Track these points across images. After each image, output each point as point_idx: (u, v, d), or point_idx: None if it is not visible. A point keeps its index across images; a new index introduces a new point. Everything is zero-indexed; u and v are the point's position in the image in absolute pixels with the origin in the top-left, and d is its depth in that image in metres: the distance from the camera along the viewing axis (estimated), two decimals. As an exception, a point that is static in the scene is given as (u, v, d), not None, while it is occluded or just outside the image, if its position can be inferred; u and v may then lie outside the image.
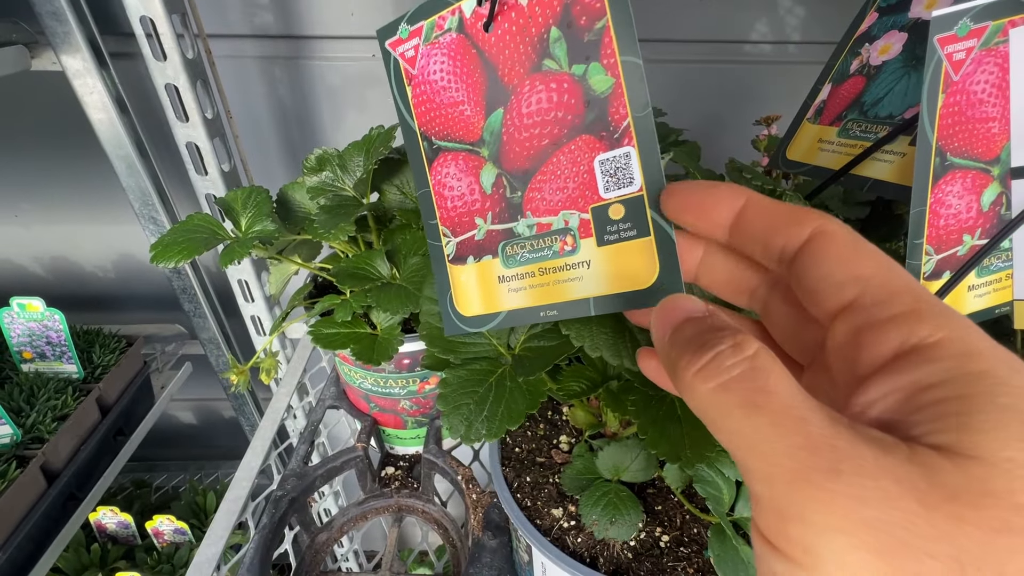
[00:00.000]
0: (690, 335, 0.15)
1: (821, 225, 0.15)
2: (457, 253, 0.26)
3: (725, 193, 0.17)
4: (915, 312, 0.13)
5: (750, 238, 0.17)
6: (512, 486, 0.32)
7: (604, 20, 0.20)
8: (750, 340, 0.14)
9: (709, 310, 0.16)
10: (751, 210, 0.17)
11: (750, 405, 0.12)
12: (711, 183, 0.18)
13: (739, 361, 0.13)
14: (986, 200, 0.25)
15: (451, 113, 0.26)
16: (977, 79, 0.23)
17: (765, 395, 0.12)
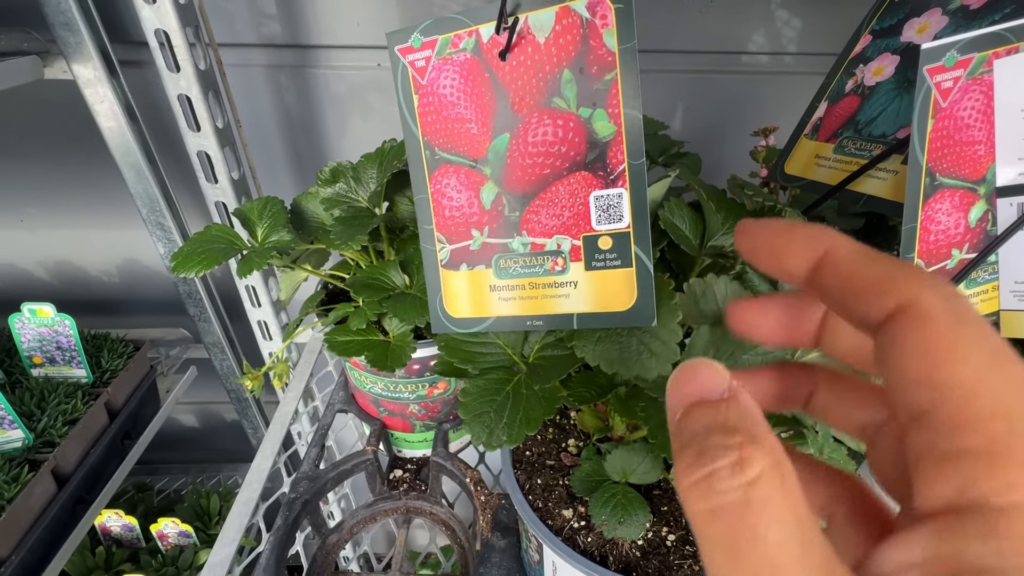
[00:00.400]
0: (697, 430, 0.13)
1: (914, 297, 0.11)
2: (451, 259, 0.28)
3: (801, 238, 0.14)
4: (991, 452, 0.10)
5: (829, 297, 0.14)
6: (524, 488, 0.33)
7: (614, 73, 0.22)
8: (756, 456, 0.11)
9: (730, 391, 0.13)
10: (830, 263, 0.13)
11: (730, 545, 0.11)
12: (789, 223, 0.15)
13: (735, 486, 0.11)
14: (973, 217, 0.27)
15: (457, 129, 0.27)
16: (964, 106, 0.25)
17: (750, 539, 0.10)
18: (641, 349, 0.24)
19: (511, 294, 0.26)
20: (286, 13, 0.69)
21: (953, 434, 0.10)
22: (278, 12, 0.69)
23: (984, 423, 0.10)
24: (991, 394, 0.10)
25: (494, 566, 0.41)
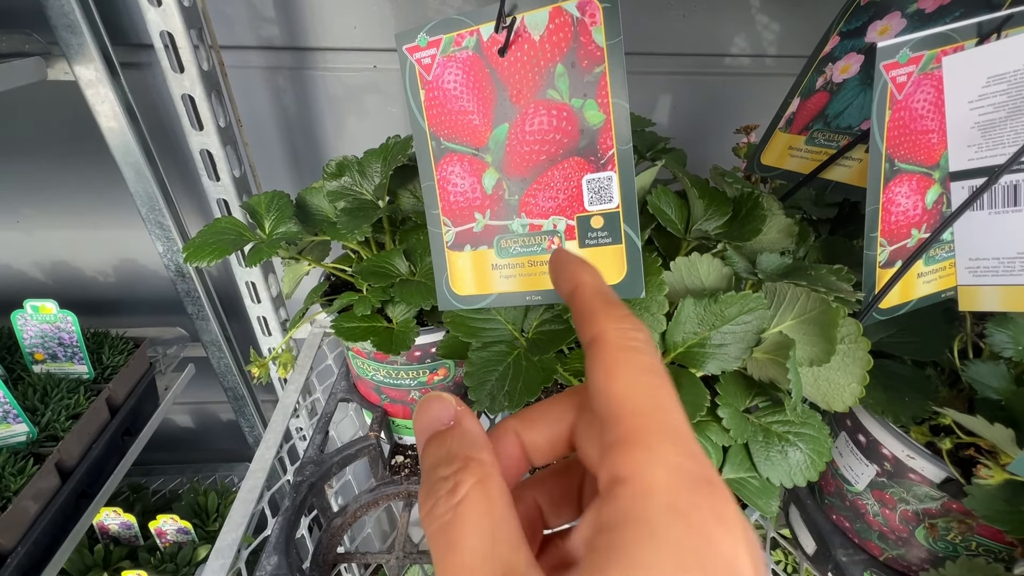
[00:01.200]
0: (428, 464, 0.15)
1: (601, 330, 0.16)
2: (456, 241, 0.30)
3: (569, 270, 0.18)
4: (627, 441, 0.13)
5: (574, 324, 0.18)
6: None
7: (602, 67, 0.24)
8: (466, 478, 0.14)
9: (456, 417, 0.16)
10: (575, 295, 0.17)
11: (440, 558, 0.13)
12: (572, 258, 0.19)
13: (447, 509, 0.14)
14: (929, 199, 0.30)
15: (461, 120, 0.29)
16: (917, 98, 0.27)
17: (452, 550, 0.13)
18: (632, 319, 0.27)
19: (512, 272, 0.28)
20: (284, 16, 0.71)
21: (609, 429, 0.14)
22: (276, 15, 0.71)
23: (625, 420, 0.13)
24: (631, 398, 0.14)
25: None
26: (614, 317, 0.16)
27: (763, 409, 0.32)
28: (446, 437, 0.16)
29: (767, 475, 0.31)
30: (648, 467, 0.13)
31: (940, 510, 0.36)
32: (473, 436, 0.16)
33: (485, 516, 0.13)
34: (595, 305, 0.17)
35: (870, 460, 0.39)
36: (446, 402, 0.17)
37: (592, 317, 0.16)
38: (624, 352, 0.15)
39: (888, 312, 0.32)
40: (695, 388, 0.26)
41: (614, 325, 0.16)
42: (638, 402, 0.14)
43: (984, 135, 0.27)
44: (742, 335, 0.27)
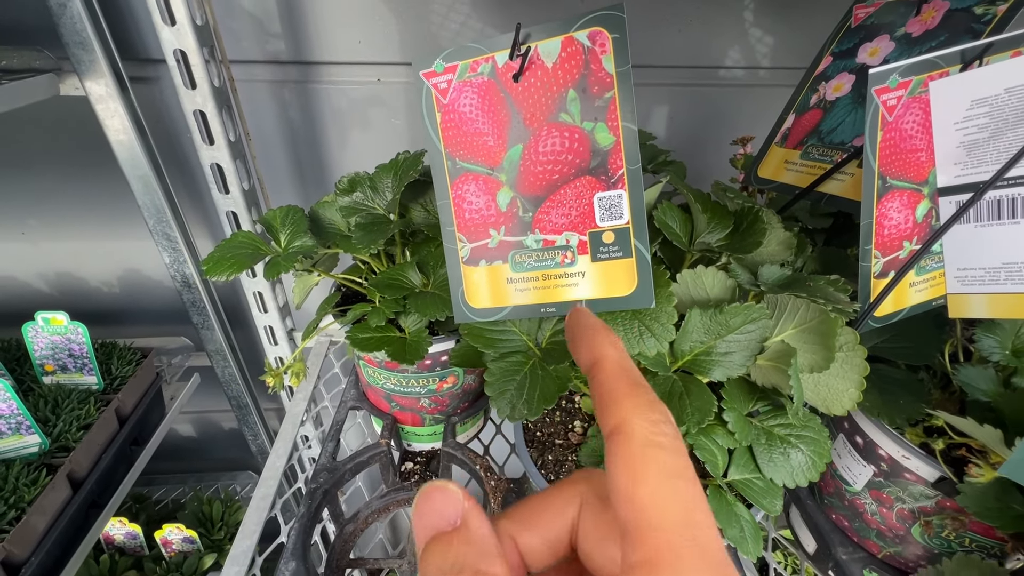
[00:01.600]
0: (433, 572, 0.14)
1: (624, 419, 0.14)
2: (471, 256, 0.31)
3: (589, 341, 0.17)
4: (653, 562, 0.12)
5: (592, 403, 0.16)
6: (537, 463, 0.36)
7: (612, 92, 0.26)
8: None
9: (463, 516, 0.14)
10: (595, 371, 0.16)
11: None
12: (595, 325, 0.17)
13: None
14: (920, 213, 0.32)
15: (476, 141, 0.31)
16: (907, 120, 0.29)
17: None
18: (643, 330, 0.28)
19: (526, 285, 0.29)
20: (290, 31, 0.73)
21: (633, 547, 0.12)
22: (282, 30, 0.73)
23: (648, 535, 0.12)
24: (659, 509, 0.13)
25: (507, 543, 0.44)
26: (641, 405, 0.14)
27: (765, 413, 0.34)
28: (452, 541, 0.14)
29: (770, 476, 0.32)
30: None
31: (935, 508, 0.38)
32: (483, 542, 0.14)
33: None
34: (619, 387, 0.15)
35: (867, 461, 0.41)
36: (452, 496, 0.15)
37: (616, 402, 0.14)
38: (651, 450, 0.13)
39: (883, 320, 0.34)
40: (703, 394, 0.28)
41: (641, 416, 0.14)
42: (667, 515, 0.12)
43: (969, 154, 0.29)
44: (746, 344, 0.29)
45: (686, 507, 0.13)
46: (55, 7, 0.58)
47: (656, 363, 0.29)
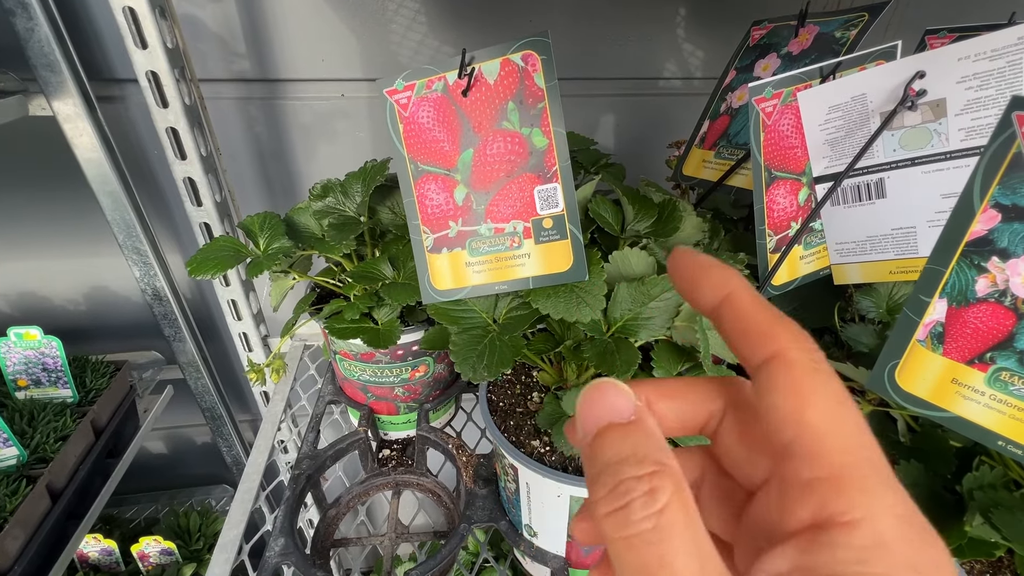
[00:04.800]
0: (609, 459, 0.14)
1: (782, 348, 0.14)
2: (434, 245, 0.37)
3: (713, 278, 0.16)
4: (838, 479, 0.12)
5: (724, 332, 0.16)
6: (500, 428, 0.42)
7: (543, 103, 0.32)
8: (665, 485, 0.13)
9: (636, 413, 0.14)
10: (730, 306, 0.15)
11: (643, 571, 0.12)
12: (710, 261, 0.16)
13: (647, 516, 0.12)
14: (801, 198, 0.39)
15: (433, 147, 0.36)
16: (783, 123, 0.36)
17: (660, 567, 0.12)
18: (579, 300, 0.34)
19: (482, 267, 0.35)
20: (255, 51, 0.76)
21: (810, 464, 0.13)
22: (247, 50, 0.76)
23: (831, 456, 0.12)
24: (836, 433, 0.13)
25: (478, 508, 0.49)
26: (794, 333, 0.14)
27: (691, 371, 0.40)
28: (630, 432, 0.14)
29: (695, 422, 0.38)
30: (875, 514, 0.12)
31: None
32: (660, 438, 0.14)
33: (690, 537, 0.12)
34: (766, 318, 0.15)
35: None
36: (624, 392, 0.15)
37: (767, 333, 0.14)
38: (815, 376, 0.13)
39: (781, 288, 0.41)
40: (630, 351, 0.34)
41: (797, 344, 0.14)
42: (843, 438, 0.13)
43: (832, 149, 0.37)
44: (665, 308, 0.35)
45: (858, 429, 0.13)
46: (22, 31, 0.60)
47: (593, 328, 0.35)
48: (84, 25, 0.71)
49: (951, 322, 0.26)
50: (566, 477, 0.37)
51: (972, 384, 0.26)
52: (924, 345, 0.27)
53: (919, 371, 0.28)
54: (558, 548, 0.44)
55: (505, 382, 0.47)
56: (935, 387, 0.27)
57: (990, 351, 0.25)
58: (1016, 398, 0.25)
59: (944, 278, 0.26)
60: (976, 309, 0.25)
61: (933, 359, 0.27)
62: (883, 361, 0.29)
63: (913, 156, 0.34)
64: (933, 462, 0.35)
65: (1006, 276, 0.24)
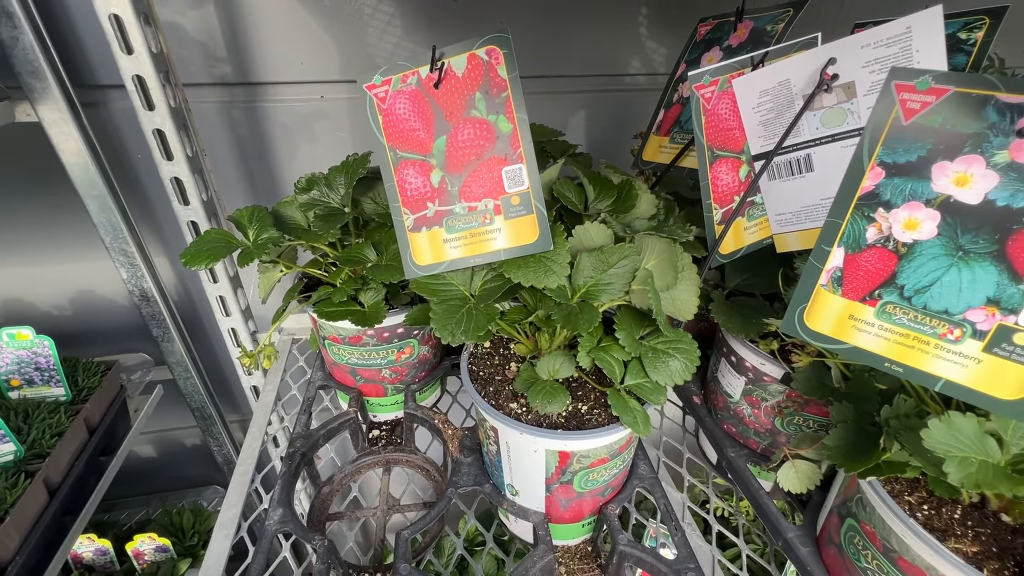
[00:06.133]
0: None
1: None
2: (414, 225, 0.40)
3: None
4: None
5: None
6: (481, 394, 0.45)
7: (507, 92, 0.36)
8: None
9: None
10: None
11: None
12: None
13: None
14: (742, 174, 0.43)
15: (410, 135, 0.40)
16: (721, 107, 0.41)
17: None
18: (546, 269, 0.38)
19: (458, 243, 0.39)
20: (236, 56, 0.79)
21: None
22: (228, 55, 0.79)
23: None
24: None
25: (464, 475, 0.53)
26: None
27: (650, 335, 0.45)
28: None
29: (656, 379, 0.42)
30: None
31: (785, 400, 0.50)
32: None
33: None
34: None
35: (739, 373, 0.53)
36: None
37: None
38: None
39: (728, 256, 0.45)
40: (591, 312, 0.38)
41: None
42: None
43: (766, 129, 0.41)
44: (622, 274, 0.39)
45: None
46: (7, 39, 0.63)
47: (559, 294, 0.39)
48: (67, 33, 0.73)
49: (847, 267, 0.31)
50: (541, 431, 0.41)
51: (864, 318, 0.30)
52: (826, 288, 0.32)
53: (823, 311, 0.32)
54: (538, 504, 0.48)
55: (484, 354, 0.51)
56: (836, 324, 0.32)
57: (878, 289, 0.30)
58: (897, 326, 0.29)
59: (841, 229, 0.30)
60: (867, 254, 0.30)
61: (834, 300, 0.32)
62: (793, 306, 0.33)
63: (833, 133, 0.39)
64: (861, 402, 0.40)
65: (889, 224, 0.29)
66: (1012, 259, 0.26)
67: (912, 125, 0.28)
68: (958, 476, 0.28)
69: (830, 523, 0.44)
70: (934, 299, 0.29)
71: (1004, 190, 0.26)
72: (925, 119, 0.27)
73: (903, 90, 0.28)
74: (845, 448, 0.38)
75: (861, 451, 0.36)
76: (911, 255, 0.29)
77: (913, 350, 0.30)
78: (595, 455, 0.43)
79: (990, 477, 0.27)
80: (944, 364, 0.29)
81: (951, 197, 0.27)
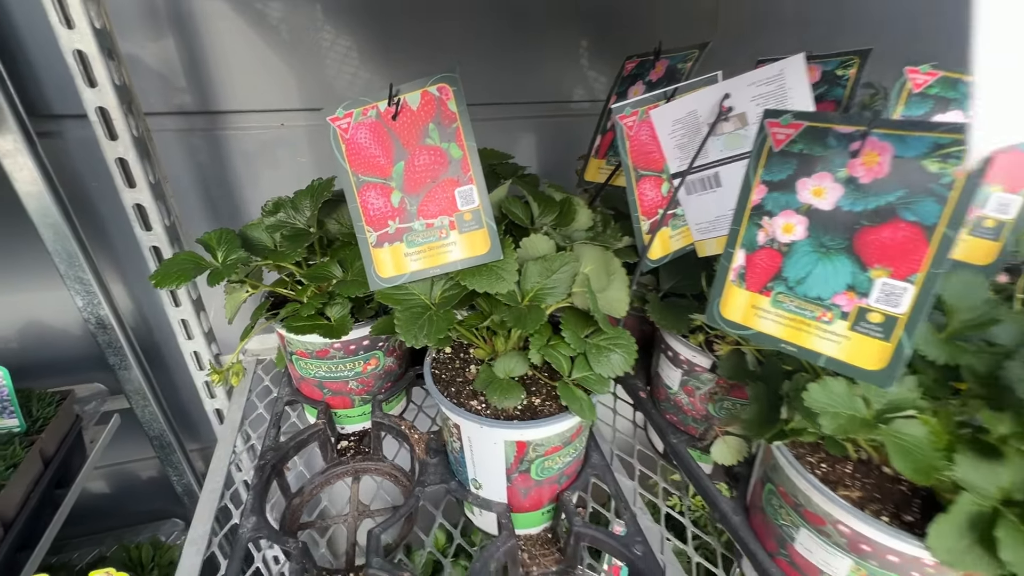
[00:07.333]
0: None
1: None
2: (377, 241, 0.45)
3: None
4: None
5: None
6: (444, 394, 0.50)
7: (456, 123, 0.41)
8: None
9: None
10: None
11: None
12: None
13: None
14: (663, 190, 0.50)
15: (372, 162, 0.45)
16: (642, 134, 0.48)
17: None
18: (497, 276, 0.43)
19: (418, 256, 0.43)
20: (195, 85, 0.82)
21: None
22: (188, 85, 0.82)
23: None
24: None
25: (431, 475, 0.56)
26: None
27: (593, 334, 0.50)
28: None
29: (599, 371, 0.48)
30: None
31: (715, 387, 0.56)
32: None
33: None
34: None
35: (676, 366, 0.59)
36: None
37: None
38: None
39: (656, 261, 0.52)
40: (538, 313, 0.43)
41: None
42: None
43: (681, 151, 0.48)
44: (564, 279, 0.45)
45: None
46: (-38, 73, 0.63)
47: (510, 298, 0.44)
48: (21, 65, 0.73)
49: (748, 265, 0.37)
50: (499, 423, 0.46)
51: (763, 307, 0.37)
52: (735, 283, 0.38)
53: (733, 303, 0.39)
54: (500, 495, 0.52)
55: (446, 359, 0.55)
56: (744, 313, 0.38)
57: (770, 281, 0.37)
58: (787, 312, 0.36)
59: (740, 234, 0.37)
60: (760, 254, 0.37)
61: (740, 293, 0.38)
62: (711, 300, 0.40)
63: (734, 154, 0.46)
64: (772, 381, 0.47)
65: (773, 229, 0.36)
66: (859, 252, 0.33)
67: (781, 151, 0.35)
68: (830, 426, 0.34)
69: (755, 492, 0.50)
70: (810, 288, 0.36)
71: (847, 198, 0.33)
72: (789, 146, 0.35)
73: (772, 125, 0.35)
74: (758, 420, 0.44)
75: (769, 421, 0.43)
76: (790, 253, 0.36)
77: (800, 332, 0.37)
78: (549, 443, 0.48)
79: (855, 426, 0.34)
80: (823, 342, 0.36)
81: (812, 205, 0.34)
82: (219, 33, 0.79)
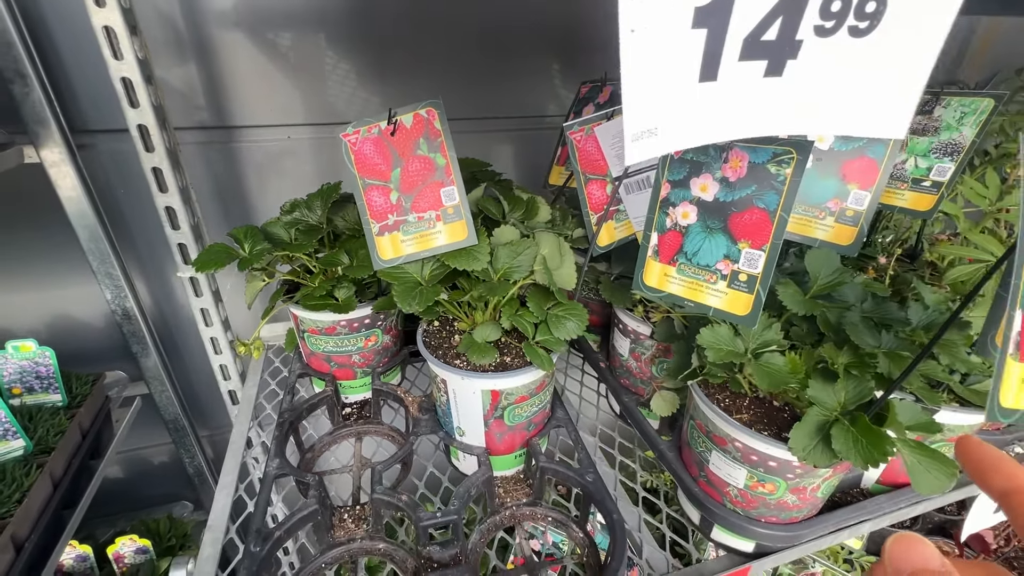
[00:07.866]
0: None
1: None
2: (379, 231, 0.57)
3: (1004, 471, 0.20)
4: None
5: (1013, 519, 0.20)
6: (433, 355, 0.62)
7: (441, 138, 0.54)
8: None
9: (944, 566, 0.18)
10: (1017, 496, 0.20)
11: None
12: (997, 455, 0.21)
13: None
14: (608, 191, 0.63)
15: (375, 168, 0.57)
16: (589, 146, 0.61)
17: None
18: (474, 257, 0.55)
19: (412, 242, 0.55)
20: (213, 103, 0.94)
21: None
22: (206, 103, 0.93)
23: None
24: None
25: (423, 427, 0.68)
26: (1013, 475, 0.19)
27: (554, 307, 0.63)
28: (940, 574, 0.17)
29: (558, 335, 0.60)
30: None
31: (656, 351, 0.69)
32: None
33: None
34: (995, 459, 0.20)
35: (625, 336, 0.72)
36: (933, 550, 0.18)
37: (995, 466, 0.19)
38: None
39: (604, 248, 0.64)
40: (507, 285, 0.55)
41: None
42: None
43: (619, 160, 0.61)
44: (527, 259, 0.57)
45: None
46: (19, 95, 0.75)
47: (484, 275, 0.56)
48: (63, 87, 0.85)
49: (660, 243, 0.50)
50: (477, 375, 0.58)
51: (671, 275, 0.50)
52: (652, 258, 0.51)
53: (652, 273, 0.51)
54: (479, 440, 0.64)
55: (435, 331, 0.67)
56: (658, 280, 0.51)
57: (675, 255, 0.49)
58: (687, 277, 0.49)
59: (654, 221, 0.50)
60: (668, 235, 0.49)
61: (656, 265, 0.51)
62: (636, 272, 0.52)
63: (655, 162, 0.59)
64: (692, 339, 0.59)
65: (675, 215, 0.48)
66: (731, 231, 0.46)
67: (679, 159, 0.48)
68: (714, 357, 0.47)
69: (684, 431, 0.63)
70: (701, 258, 0.48)
71: (722, 192, 0.46)
72: (684, 155, 0.47)
73: (672, 137, 0.48)
74: (677, 368, 0.57)
75: (685, 366, 0.55)
76: (687, 233, 0.49)
77: (696, 291, 0.49)
78: (517, 392, 0.60)
79: (733, 357, 0.47)
80: (711, 298, 0.49)
81: (700, 198, 0.47)
82: (235, 59, 0.91)
